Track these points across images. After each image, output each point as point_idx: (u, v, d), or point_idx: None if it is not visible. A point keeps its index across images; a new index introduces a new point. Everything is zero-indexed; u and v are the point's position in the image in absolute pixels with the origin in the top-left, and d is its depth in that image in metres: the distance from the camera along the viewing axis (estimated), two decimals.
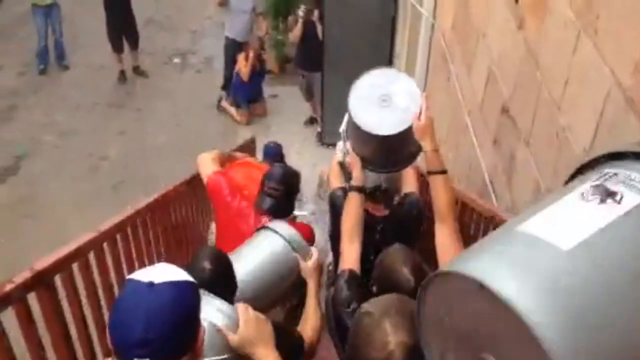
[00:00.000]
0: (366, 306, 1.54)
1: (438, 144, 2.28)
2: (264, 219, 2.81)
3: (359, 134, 2.33)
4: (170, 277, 1.29)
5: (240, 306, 1.75)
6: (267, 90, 8.53)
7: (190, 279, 1.33)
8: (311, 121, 8.18)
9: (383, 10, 6.71)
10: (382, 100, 2.27)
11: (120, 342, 1.24)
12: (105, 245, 2.57)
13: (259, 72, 8.01)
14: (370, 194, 2.65)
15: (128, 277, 1.32)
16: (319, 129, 7.80)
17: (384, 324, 1.44)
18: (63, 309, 2.06)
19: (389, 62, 6.96)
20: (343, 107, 2.37)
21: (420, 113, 2.21)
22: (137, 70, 9.08)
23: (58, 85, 8.89)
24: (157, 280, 1.27)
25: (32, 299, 1.96)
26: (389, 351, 1.40)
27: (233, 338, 1.67)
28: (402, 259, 1.99)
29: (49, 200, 6.90)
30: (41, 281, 1.92)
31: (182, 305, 1.28)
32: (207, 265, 2.08)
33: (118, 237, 2.73)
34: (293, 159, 6.75)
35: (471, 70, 3.57)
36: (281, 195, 2.94)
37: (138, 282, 1.27)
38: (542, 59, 2.45)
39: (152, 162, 7.59)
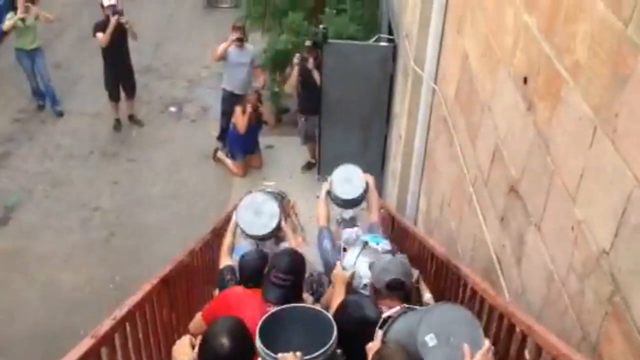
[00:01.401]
0: None
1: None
2: (270, 308, 2.70)
3: None
4: None
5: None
6: (263, 140, 8.50)
7: None
8: (309, 166, 8.16)
9: (382, 67, 6.75)
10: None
11: None
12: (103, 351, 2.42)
13: (255, 125, 7.99)
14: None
15: None
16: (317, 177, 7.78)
17: None
18: None
19: (386, 119, 6.97)
20: (339, 157, 2.44)
21: None
22: (132, 118, 9.03)
23: (53, 133, 8.82)
24: None
25: None
26: None
27: None
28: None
29: (39, 254, 6.77)
30: None
31: None
32: (225, 341, 2.00)
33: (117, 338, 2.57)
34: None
35: (475, 142, 3.52)
36: (290, 285, 2.82)
37: None
38: (554, 146, 2.40)
39: (145, 213, 7.48)
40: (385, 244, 3.25)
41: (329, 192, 4.27)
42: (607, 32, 1.94)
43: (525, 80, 2.73)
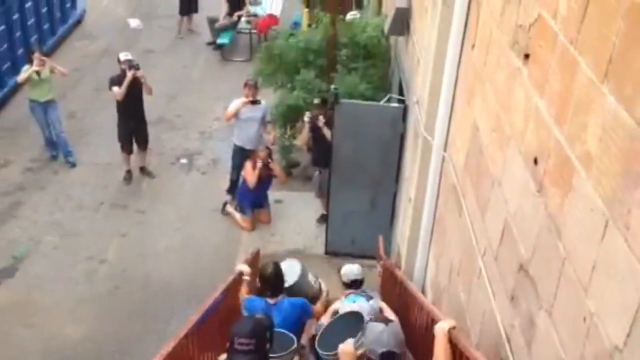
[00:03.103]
0: None
1: None
2: None
3: None
4: None
5: None
6: (272, 195, 8.53)
7: None
8: (323, 218, 8.14)
9: (393, 127, 6.82)
10: None
11: None
12: None
13: (265, 180, 8.03)
14: None
15: None
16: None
17: None
18: None
19: (396, 179, 6.99)
20: (348, 215, 2.50)
21: None
22: (144, 170, 9.13)
23: (64, 183, 8.91)
24: None
25: None
26: None
27: None
28: None
29: (44, 306, 6.76)
30: None
31: None
32: None
33: None
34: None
35: (485, 215, 3.51)
36: (254, 349, 2.87)
37: None
38: (566, 232, 2.38)
39: (152, 266, 7.48)
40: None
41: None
42: (619, 128, 1.95)
43: (535, 161, 2.73)
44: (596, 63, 2.13)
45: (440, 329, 3.25)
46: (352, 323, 3.80)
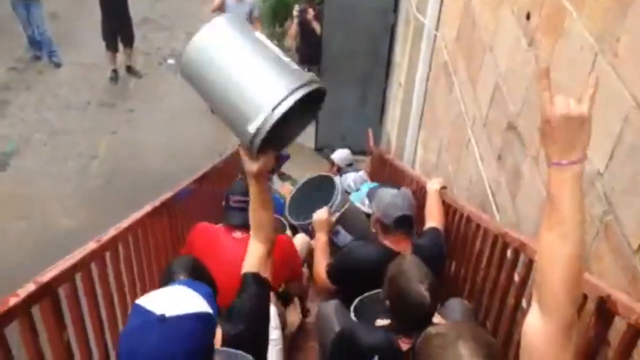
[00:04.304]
0: (436, 328, 1.38)
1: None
2: (237, 234, 2.81)
3: None
4: (185, 309, 1.18)
5: None
6: None
7: (206, 309, 1.22)
8: None
9: (383, 18, 6.73)
10: None
11: None
12: (107, 255, 2.51)
13: None
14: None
15: (137, 302, 1.20)
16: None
17: (458, 347, 1.27)
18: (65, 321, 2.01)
19: (386, 75, 6.98)
20: (338, 111, 2.46)
21: None
22: (130, 69, 9.00)
23: (50, 83, 8.78)
24: (170, 312, 1.16)
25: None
26: None
27: None
28: (417, 277, 1.97)
29: (37, 199, 6.81)
30: (45, 293, 1.86)
31: (195, 342, 1.17)
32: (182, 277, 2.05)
33: (120, 247, 2.66)
34: (286, 166, 6.70)
35: (476, 84, 3.56)
36: (246, 208, 2.93)
37: (148, 314, 1.16)
38: (555, 78, 2.42)
39: (142, 163, 7.52)
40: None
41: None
42: None
43: (528, 16, 2.75)
44: None
45: (432, 187, 3.37)
46: (323, 187, 3.63)
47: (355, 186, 4.43)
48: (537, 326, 1.27)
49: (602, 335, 1.58)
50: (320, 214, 3.30)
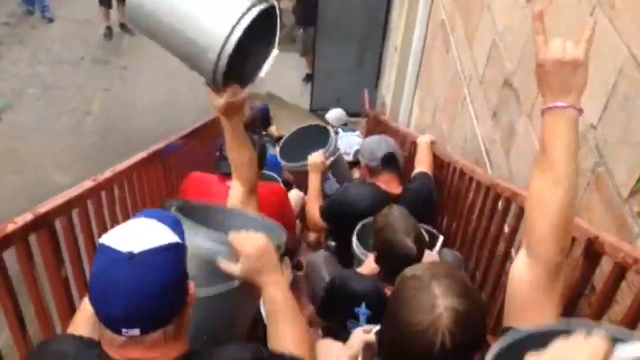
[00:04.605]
0: (411, 270, 1.35)
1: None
2: (230, 182, 2.84)
3: None
4: (152, 243, 1.14)
5: (233, 236, 1.50)
6: None
7: (174, 239, 1.18)
8: (308, 78, 8.15)
9: None
10: None
11: (104, 317, 1.14)
12: (103, 194, 2.55)
13: None
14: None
15: (102, 241, 1.15)
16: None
17: (432, 287, 1.26)
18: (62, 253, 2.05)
19: (383, 32, 6.93)
20: (334, 73, 2.47)
21: None
22: (124, 27, 8.89)
23: (43, 38, 8.69)
24: (137, 249, 1.12)
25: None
26: (437, 315, 1.21)
27: (236, 270, 1.48)
28: (404, 230, 2.02)
29: (30, 154, 6.79)
30: (42, 223, 1.90)
31: (166, 275, 1.14)
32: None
33: (116, 187, 2.70)
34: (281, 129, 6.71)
35: (473, 43, 3.56)
36: None
37: (115, 253, 1.12)
38: (551, 33, 2.43)
39: (136, 120, 7.50)
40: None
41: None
42: None
43: None
44: None
45: (422, 140, 3.43)
46: (317, 134, 3.75)
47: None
48: (523, 271, 1.28)
49: (588, 277, 1.63)
50: (316, 157, 3.44)
